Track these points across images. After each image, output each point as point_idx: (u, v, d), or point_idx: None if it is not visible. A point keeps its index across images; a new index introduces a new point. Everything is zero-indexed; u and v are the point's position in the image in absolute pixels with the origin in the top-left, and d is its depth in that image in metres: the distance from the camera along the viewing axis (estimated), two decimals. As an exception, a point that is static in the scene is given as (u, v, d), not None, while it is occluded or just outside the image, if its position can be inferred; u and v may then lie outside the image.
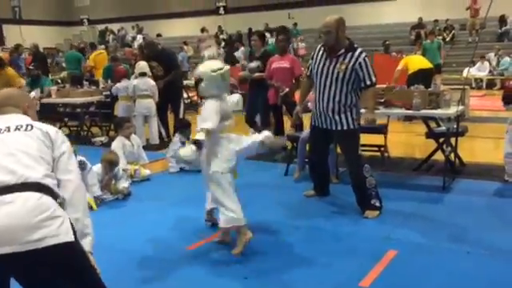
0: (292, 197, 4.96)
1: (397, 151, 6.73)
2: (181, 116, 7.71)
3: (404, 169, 5.96)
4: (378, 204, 4.36)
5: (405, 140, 7.65)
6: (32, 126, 2.12)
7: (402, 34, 18.36)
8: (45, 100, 8.52)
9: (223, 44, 19.61)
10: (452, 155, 5.54)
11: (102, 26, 25.86)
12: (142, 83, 7.42)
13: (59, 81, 12.01)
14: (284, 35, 6.87)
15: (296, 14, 21.05)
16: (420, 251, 3.60)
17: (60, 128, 8.97)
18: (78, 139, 8.21)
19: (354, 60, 4.17)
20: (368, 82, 4.22)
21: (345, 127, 4.32)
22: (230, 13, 23.21)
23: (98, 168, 5.14)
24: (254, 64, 6.92)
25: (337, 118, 4.31)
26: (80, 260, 2.03)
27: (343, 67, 4.18)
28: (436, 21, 18.34)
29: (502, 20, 17.45)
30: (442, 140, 5.52)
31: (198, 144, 3.61)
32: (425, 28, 17.90)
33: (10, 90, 2.39)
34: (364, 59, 4.20)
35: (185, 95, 11.78)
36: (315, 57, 4.42)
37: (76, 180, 2.14)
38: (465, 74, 12.76)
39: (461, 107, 5.31)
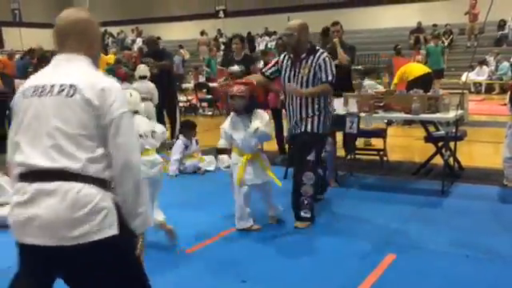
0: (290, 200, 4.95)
1: (396, 155, 6.73)
2: (177, 119, 7.70)
3: (403, 173, 5.96)
4: (308, 215, 4.23)
5: (404, 144, 7.66)
6: (75, 89, 1.84)
7: (402, 38, 18.38)
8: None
9: (223, 47, 19.64)
10: (451, 159, 5.54)
11: (101, 29, 25.87)
12: (142, 86, 7.42)
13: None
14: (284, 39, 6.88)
15: (295, 17, 21.03)
16: (419, 255, 3.60)
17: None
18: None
19: (315, 61, 4.18)
20: (324, 79, 4.18)
21: (303, 129, 4.24)
22: (229, 16, 23.25)
23: None
24: (237, 68, 6.81)
25: (304, 122, 4.24)
26: (121, 254, 1.92)
27: (306, 70, 4.19)
28: (435, 25, 18.38)
29: (501, 25, 17.50)
30: (440, 144, 5.52)
31: None
32: (424, 32, 17.94)
33: (76, 14, 2.04)
34: (324, 59, 4.18)
35: (183, 98, 11.84)
36: (280, 63, 4.38)
37: (122, 156, 1.86)
38: (464, 78, 12.77)
39: (460, 111, 5.32)
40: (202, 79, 13.94)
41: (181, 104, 10.54)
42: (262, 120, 4.08)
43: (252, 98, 4.11)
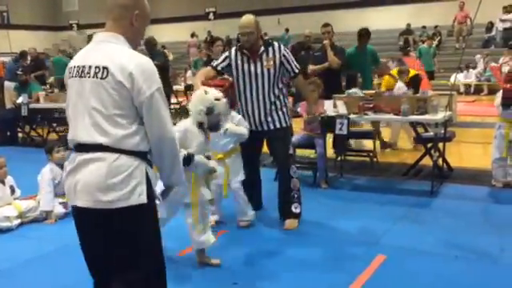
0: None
1: (386, 156, 6.77)
2: None
3: (393, 174, 6.00)
4: (298, 210, 4.26)
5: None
6: (108, 72, 1.97)
7: (391, 39, 18.51)
8: (33, 105, 8.46)
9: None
10: (440, 160, 5.59)
11: (92, 31, 25.76)
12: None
13: (47, 86, 11.93)
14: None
15: (285, 19, 21.13)
16: (409, 255, 3.62)
17: (48, 133, 8.95)
18: (67, 144, 8.14)
19: (278, 53, 4.15)
20: (296, 71, 4.23)
21: (277, 125, 4.24)
22: (219, 18, 23.25)
23: None
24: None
25: (269, 118, 4.22)
26: (146, 223, 2.09)
27: (271, 63, 4.12)
28: (424, 27, 18.53)
29: (489, 27, 17.67)
30: (430, 145, 5.57)
31: None
32: (413, 34, 18.07)
33: None
34: (285, 50, 4.22)
35: (174, 100, 11.79)
36: (234, 62, 4.22)
37: (157, 132, 2.03)
38: (452, 79, 12.86)
39: (448, 113, 5.37)
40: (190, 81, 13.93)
41: (171, 106, 10.52)
42: (235, 121, 4.04)
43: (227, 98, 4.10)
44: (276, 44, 4.23)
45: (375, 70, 7.47)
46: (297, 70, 4.25)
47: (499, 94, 5.27)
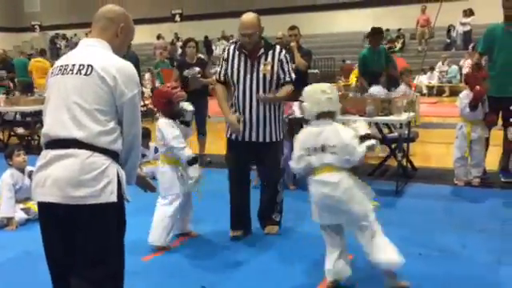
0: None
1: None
2: None
3: (359, 174, 6.02)
4: (278, 219, 4.23)
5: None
6: (92, 69, 2.07)
7: (356, 42, 18.81)
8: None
9: (180, 51, 19.49)
10: (404, 160, 5.70)
11: (54, 32, 25.18)
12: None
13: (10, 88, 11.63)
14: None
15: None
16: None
17: (9, 137, 8.69)
18: (29, 148, 7.93)
19: (276, 58, 3.89)
20: (288, 79, 3.94)
21: (272, 139, 4.00)
22: (185, 20, 23.13)
23: None
24: (194, 70, 6.64)
25: (261, 128, 3.94)
26: (114, 222, 2.12)
27: (268, 67, 3.86)
28: (387, 30, 18.89)
29: (449, 30, 18.18)
30: (394, 146, 5.67)
31: None
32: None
33: (112, 6, 2.31)
34: (285, 56, 3.95)
35: (140, 103, 11.63)
36: (230, 61, 3.95)
37: (133, 131, 2.17)
38: (415, 81, 13.18)
39: (412, 114, 5.48)
40: (158, 83, 13.76)
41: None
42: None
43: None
44: (278, 48, 3.98)
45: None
46: (288, 78, 3.95)
47: (462, 96, 5.42)
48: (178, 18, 23.48)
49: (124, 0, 24.51)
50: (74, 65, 2.10)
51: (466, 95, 5.38)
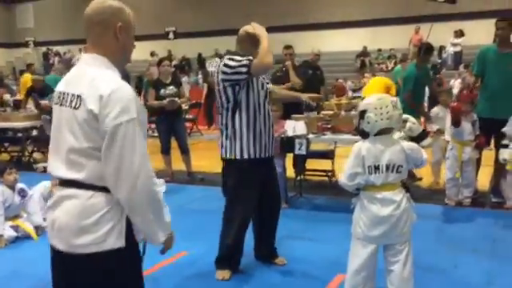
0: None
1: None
2: None
3: (351, 194, 6.07)
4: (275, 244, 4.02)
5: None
6: (80, 100, 1.77)
7: (348, 61, 19.00)
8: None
9: (173, 69, 19.57)
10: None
11: (47, 48, 25.21)
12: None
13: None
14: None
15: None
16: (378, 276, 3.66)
17: (0, 154, 8.63)
18: (20, 165, 7.87)
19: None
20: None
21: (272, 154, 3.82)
22: (179, 37, 23.26)
23: (42, 189, 4.90)
24: (170, 90, 6.74)
25: (272, 145, 3.77)
26: (124, 269, 1.86)
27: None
28: (380, 50, 19.13)
29: (441, 51, 18.42)
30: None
31: None
32: (369, 56, 18.60)
33: (98, 5, 1.88)
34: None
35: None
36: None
37: (111, 170, 1.74)
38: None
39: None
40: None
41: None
42: None
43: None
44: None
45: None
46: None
47: (433, 112, 5.56)
48: (171, 35, 23.61)
49: (118, 17, 24.73)
50: (67, 94, 1.84)
51: (436, 110, 5.77)
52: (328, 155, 6.40)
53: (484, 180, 5.75)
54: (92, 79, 1.79)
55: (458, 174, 5.40)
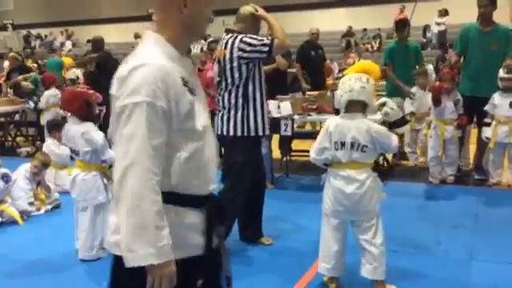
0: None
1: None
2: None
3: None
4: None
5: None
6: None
7: (334, 41, 18.94)
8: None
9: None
10: (381, 159, 5.76)
11: (27, 31, 24.72)
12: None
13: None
14: (216, 43, 6.91)
15: (231, 21, 21.12)
16: (351, 252, 3.69)
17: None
18: (2, 150, 7.78)
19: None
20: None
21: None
22: (163, 19, 22.95)
23: (23, 172, 4.88)
24: None
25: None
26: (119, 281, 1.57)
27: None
28: (365, 29, 19.09)
29: (425, 30, 18.45)
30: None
31: None
32: (354, 36, 18.56)
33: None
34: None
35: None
36: None
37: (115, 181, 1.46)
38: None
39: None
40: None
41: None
42: None
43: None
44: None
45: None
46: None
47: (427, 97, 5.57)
48: (154, 17, 23.28)
49: (100, -1, 24.30)
50: None
51: (413, 91, 5.80)
52: (313, 136, 6.42)
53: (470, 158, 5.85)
54: (131, 58, 1.55)
55: (440, 152, 5.47)
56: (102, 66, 7.36)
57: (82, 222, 3.71)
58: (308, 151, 6.70)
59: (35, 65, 10.91)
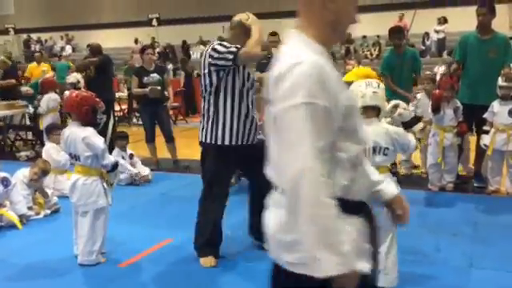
0: (227, 210, 4.93)
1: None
2: (109, 129, 7.39)
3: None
4: None
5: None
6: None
7: (333, 48, 19.01)
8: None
9: (157, 57, 19.39)
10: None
11: (28, 35, 24.77)
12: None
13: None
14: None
15: (230, 27, 21.20)
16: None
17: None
18: (2, 154, 7.78)
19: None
20: None
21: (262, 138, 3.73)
22: (163, 24, 23.00)
23: (21, 177, 4.89)
24: (153, 78, 6.67)
25: (258, 128, 3.76)
26: None
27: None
28: (364, 37, 19.16)
29: (425, 38, 18.53)
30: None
31: None
32: (353, 43, 18.63)
33: None
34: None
35: (117, 107, 11.51)
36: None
37: (287, 191, 1.40)
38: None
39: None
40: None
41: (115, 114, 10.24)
42: None
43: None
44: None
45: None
46: None
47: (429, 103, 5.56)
48: (155, 22, 23.32)
49: (100, 3, 24.38)
50: None
51: (418, 97, 5.74)
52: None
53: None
54: (281, 58, 1.47)
55: (439, 159, 5.47)
56: (101, 70, 7.37)
57: (81, 227, 3.71)
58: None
59: (48, 66, 10.84)
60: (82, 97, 3.77)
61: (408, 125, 3.10)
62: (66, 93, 6.72)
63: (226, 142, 3.56)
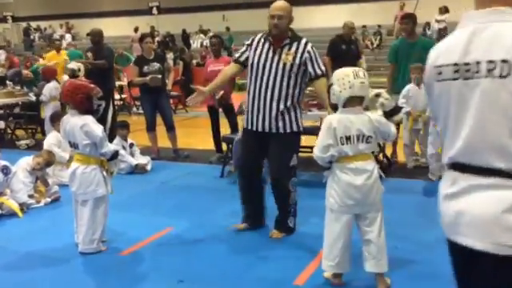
0: (227, 199, 4.95)
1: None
2: (109, 118, 7.37)
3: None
4: (291, 225, 4.04)
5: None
6: (509, 66, 1.42)
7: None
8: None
9: (156, 45, 19.29)
10: (381, 155, 5.77)
11: (27, 23, 24.64)
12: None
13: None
14: (217, 38, 6.90)
15: (231, 15, 21.12)
16: (354, 246, 3.71)
17: None
18: (2, 142, 7.77)
19: (302, 49, 3.80)
20: (319, 72, 3.84)
21: (287, 130, 3.85)
22: (163, 13, 22.89)
23: (24, 165, 4.88)
24: (154, 67, 6.64)
25: (279, 118, 3.81)
26: None
27: (290, 58, 3.76)
28: (364, 26, 19.06)
29: (426, 27, 18.44)
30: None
31: None
32: (354, 32, 18.52)
33: None
34: (312, 48, 3.85)
35: (117, 96, 11.47)
36: (254, 46, 3.90)
37: None
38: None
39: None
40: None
41: (115, 103, 10.20)
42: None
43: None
44: (303, 40, 3.88)
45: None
46: (319, 72, 3.85)
47: (404, 90, 5.59)
48: (155, 10, 23.20)
49: (100, -8, 24.20)
50: (478, 63, 1.44)
51: (407, 88, 5.67)
52: (314, 131, 6.41)
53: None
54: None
55: (439, 149, 5.46)
56: (101, 59, 7.34)
57: (81, 216, 3.71)
58: (307, 147, 6.74)
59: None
60: (74, 85, 3.74)
61: (389, 114, 3.15)
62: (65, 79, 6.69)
63: (245, 125, 4.01)
